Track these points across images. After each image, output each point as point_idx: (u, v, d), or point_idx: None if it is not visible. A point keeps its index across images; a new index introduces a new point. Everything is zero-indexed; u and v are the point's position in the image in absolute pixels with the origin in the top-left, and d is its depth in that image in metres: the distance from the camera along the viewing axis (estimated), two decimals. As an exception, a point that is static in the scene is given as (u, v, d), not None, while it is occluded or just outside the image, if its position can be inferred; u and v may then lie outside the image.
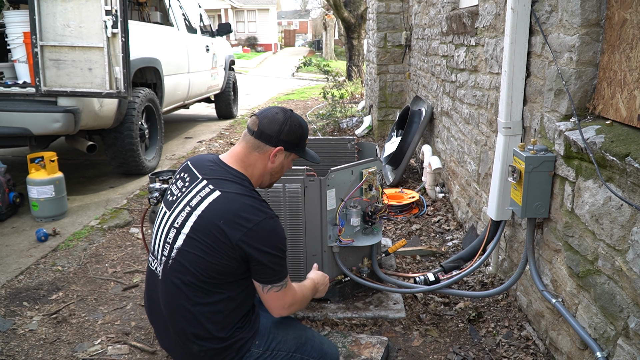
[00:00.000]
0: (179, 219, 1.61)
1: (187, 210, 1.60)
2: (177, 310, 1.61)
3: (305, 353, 1.74)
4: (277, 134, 1.69)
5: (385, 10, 6.54)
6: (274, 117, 1.70)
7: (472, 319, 2.63)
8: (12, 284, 3.08)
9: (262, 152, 1.70)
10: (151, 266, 1.73)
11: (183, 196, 1.65)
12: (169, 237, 1.63)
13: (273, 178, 1.80)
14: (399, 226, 3.97)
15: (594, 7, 1.94)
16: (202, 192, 1.61)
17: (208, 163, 1.71)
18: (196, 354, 1.63)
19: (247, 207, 1.57)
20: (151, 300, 1.75)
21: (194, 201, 1.60)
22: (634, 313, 1.62)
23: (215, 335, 1.60)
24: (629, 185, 1.64)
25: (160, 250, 1.66)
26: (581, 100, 2.04)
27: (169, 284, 1.61)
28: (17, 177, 4.51)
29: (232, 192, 1.60)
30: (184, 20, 6.89)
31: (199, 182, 1.65)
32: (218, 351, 1.62)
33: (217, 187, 1.60)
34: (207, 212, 1.56)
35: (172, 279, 1.60)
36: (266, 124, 1.69)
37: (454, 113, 4.01)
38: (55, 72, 4.03)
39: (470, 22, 3.46)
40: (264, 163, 1.71)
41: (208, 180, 1.63)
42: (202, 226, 1.56)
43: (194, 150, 6.69)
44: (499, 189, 2.56)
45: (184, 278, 1.58)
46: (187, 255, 1.57)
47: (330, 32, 27.36)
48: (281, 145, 1.70)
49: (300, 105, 11.07)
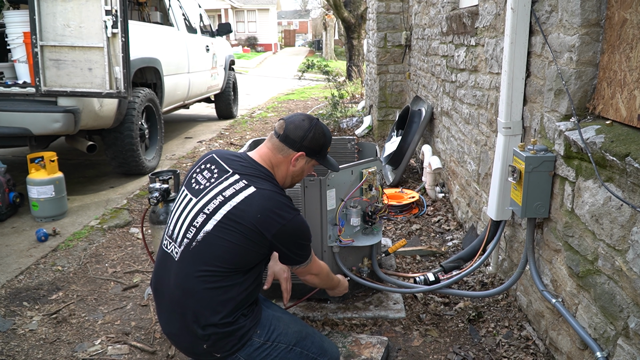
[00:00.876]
0: (210, 206, 1.68)
1: (220, 199, 1.68)
2: (190, 291, 1.65)
3: (305, 347, 1.77)
4: (301, 139, 1.81)
5: (385, 10, 6.54)
6: (300, 124, 1.83)
7: (472, 319, 2.63)
8: (12, 284, 3.08)
9: (285, 155, 1.82)
10: (166, 249, 1.76)
11: (212, 186, 1.73)
12: (196, 220, 1.69)
13: (294, 180, 1.92)
14: (399, 226, 3.97)
15: (594, 7, 1.94)
16: (236, 186, 1.70)
17: (237, 159, 1.81)
18: (200, 338, 1.66)
19: (280, 204, 1.69)
20: (160, 284, 1.77)
21: (227, 192, 1.69)
22: (634, 313, 1.62)
23: (221, 321, 1.64)
24: (628, 185, 1.64)
25: (183, 233, 1.70)
26: (581, 100, 2.04)
27: (188, 266, 1.66)
28: (17, 177, 4.51)
29: (266, 189, 1.71)
30: (184, 20, 6.89)
31: (230, 175, 1.74)
32: (222, 336, 1.65)
33: (252, 184, 1.70)
34: (243, 205, 1.65)
35: (192, 260, 1.65)
36: (292, 129, 1.81)
37: (454, 113, 4.01)
38: (55, 72, 4.03)
39: (470, 22, 3.46)
40: (286, 165, 1.85)
41: (241, 175, 1.73)
42: (237, 216, 1.65)
43: (194, 150, 6.69)
44: (499, 189, 2.56)
45: (205, 261, 1.64)
46: (215, 239, 1.64)
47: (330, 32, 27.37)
48: (303, 151, 1.82)
49: (300, 105, 11.07)
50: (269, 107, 10.85)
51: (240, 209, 1.65)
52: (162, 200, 2.65)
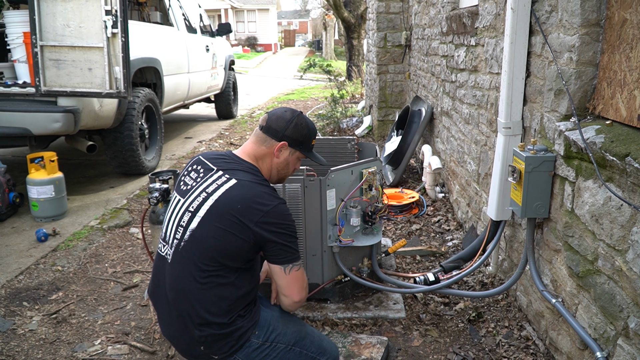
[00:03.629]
0: (195, 204, 1.69)
1: (204, 195, 1.68)
2: (183, 293, 1.65)
3: (305, 347, 1.77)
4: (283, 129, 1.81)
5: (385, 10, 6.54)
6: (282, 114, 1.84)
7: (472, 319, 2.63)
8: (12, 284, 3.08)
9: (268, 146, 1.81)
10: (161, 252, 1.77)
11: (198, 185, 1.73)
12: (182, 220, 1.69)
13: (280, 174, 1.90)
14: (399, 226, 3.97)
15: (594, 7, 1.94)
16: (219, 181, 1.70)
17: (221, 157, 1.82)
18: (197, 340, 1.66)
19: (261, 193, 1.68)
20: (158, 287, 1.77)
21: (210, 188, 1.69)
22: (634, 313, 1.62)
23: (216, 321, 1.63)
24: (628, 185, 1.64)
25: (172, 234, 1.71)
26: (581, 100, 2.04)
27: (178, 266, 1.66)
28: (17, 177, 4.51)
29: (247, 180, 1.70)
30: (184, 20, 6.89)
31: (214, 172, 1.74)
32: (219, 337, 1.65)
33: (233, 176, 1.70)
34: (224, 198, 1.65)
35: (183, 261, 1.65)
36: (274, 120, 1.83)
37: (454, 113, 4.01)
38: (55, 72, 4.03)
39: (470, 22, 3.46)
40: (270, 157, 1.83)
41: (224, 171, 1.74)
42: (218, 209, 1.64)
43: (194, 150, 6.69)
44: (499, 189, 2.56)
45: (194, 260, 1.63)
46: (200, 237, 1.64)
47: (330, 32, 27.36)
48: (285, 141, 1.81)
49: (300, 105, 11.07)
50: (269, 107, 10.85)
51: (221, 202, 1.65)
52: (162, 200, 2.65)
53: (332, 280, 2.67)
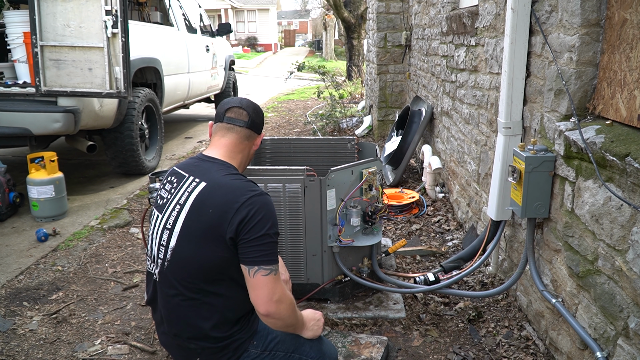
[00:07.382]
0: (170, 220, 1.64)
1: (177, 209, 1.63)
2: (174, 311, 1.63)
3: (304, 353, 1.74)
4: (262, 121, 1.83)
5: (385, 10, 6.54)
6: (255, 107, 1.82)
7: (472, 319, 2.63)
8: (12, 284, 3.08)
9: (251, 140, 1.80)
10: (149, 269, 1.74)
11: (172, 197, 1.68)
12: (162, 239, 1.65)
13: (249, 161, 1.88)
14: (399, 226, 3.97)
15: (594, 7, 1.94)
16: (190, 187, 1.64)
17: (192, 161, 1.76)
18: (193, 352, 1.65)
19: (234, 188, 1.60)
20: (152, 300, 1.77)
21: (182, 199, 1.63)
22: (634, 313, 1.62)
23: (211, 334, 1.61)
24: (629, 185, 1.64)
25: (156, 253, 1.68)
26: (581, 100, 2.04)
27: (166, 287, 1.63)
28: (17, 177, 4.51)
29: (217, 177, 1.63)
30: (184, 20, 6.89)
31: (185, 180, 1.68)
32: (214, 350, 1.63)
33: (203, 178, 1.64)
34: (196, 204, 1.59)
35: (169, 281, 1.62)
36: (254, 115, 1.79)
37: (454, 113, 4.01)
38: (55, 72, 4.03)
39: (470, 22, 3.46)
40: (249, 149, 1.81)
41: (194, 176, 1.67)
42: (192, 220, 1.58)
43: (194, 150, 6.69)
44: (499, 189, 2.56)
45: (179, 278, 1.60)
46: (182, 255, 1.59)
47: (330, 32, 27.36)
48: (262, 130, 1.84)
49: (300, 105, 11.06)
50: (269, 107, 10.85)
51: (193, 211, 1.58)
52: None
53: (332, 280, 2.67)
